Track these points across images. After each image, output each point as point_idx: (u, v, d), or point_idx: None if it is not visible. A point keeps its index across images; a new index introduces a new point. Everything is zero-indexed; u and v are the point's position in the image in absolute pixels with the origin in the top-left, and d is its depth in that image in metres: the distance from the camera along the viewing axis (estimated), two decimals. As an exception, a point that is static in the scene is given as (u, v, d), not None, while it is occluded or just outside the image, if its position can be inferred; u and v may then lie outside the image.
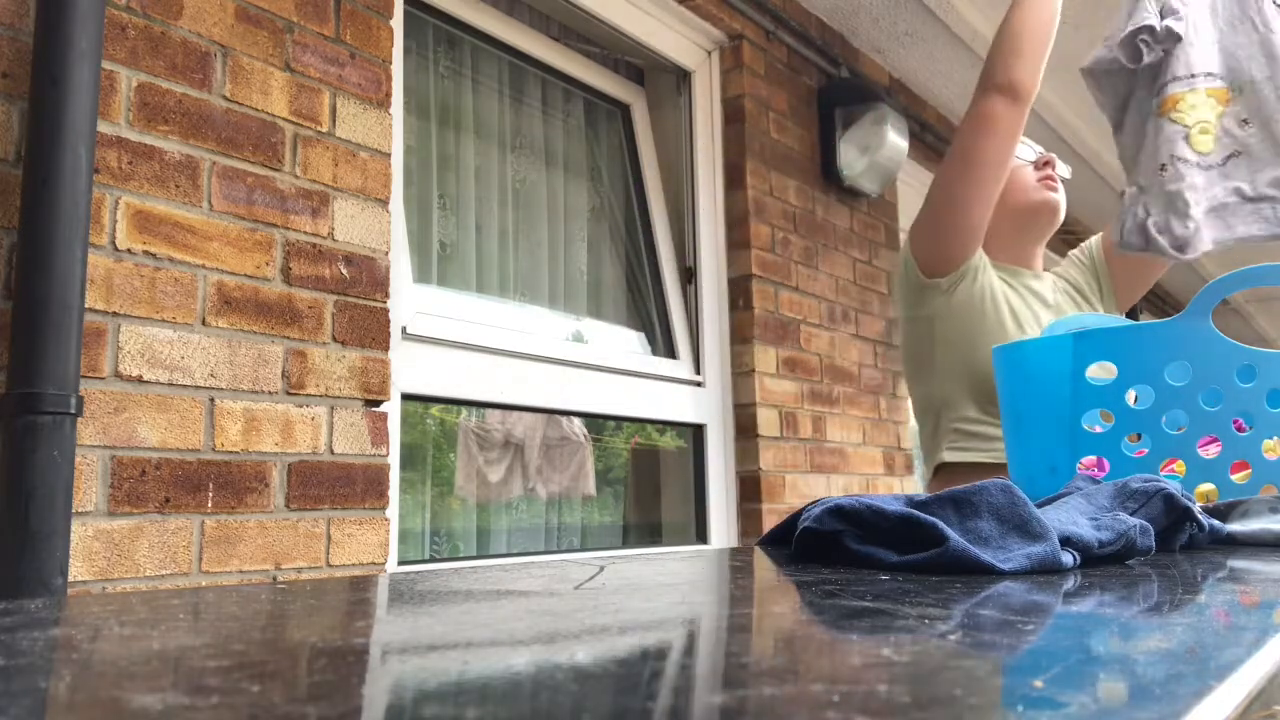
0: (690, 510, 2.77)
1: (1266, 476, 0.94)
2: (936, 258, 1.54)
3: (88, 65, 1.35)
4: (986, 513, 0.62)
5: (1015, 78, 1.48)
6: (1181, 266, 6.34)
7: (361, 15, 1.82)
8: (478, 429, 2.32)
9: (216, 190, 1.57)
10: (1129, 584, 0.56)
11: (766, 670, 0.31)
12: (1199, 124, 1.45)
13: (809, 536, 0.66)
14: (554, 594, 0.50)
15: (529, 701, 0.27)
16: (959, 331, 1.54)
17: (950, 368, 1.55)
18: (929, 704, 0.26)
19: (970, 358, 1.53)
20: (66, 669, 0.33)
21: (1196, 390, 0.93)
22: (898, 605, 0.44)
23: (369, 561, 1.71)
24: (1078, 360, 0.98)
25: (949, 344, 1.55)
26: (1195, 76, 1.47)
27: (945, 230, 1.53)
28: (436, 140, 2.34)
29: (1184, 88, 1.47)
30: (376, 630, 0.43)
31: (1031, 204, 1.62)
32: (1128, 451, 0.96)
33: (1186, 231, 1.42)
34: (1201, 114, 1.46)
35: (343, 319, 1.72)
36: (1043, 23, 1.51)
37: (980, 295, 1.53)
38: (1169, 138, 1.46)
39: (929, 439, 1.61)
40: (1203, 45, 1.50)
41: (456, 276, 2.33)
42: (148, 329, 1.46)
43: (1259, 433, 0.93)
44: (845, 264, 3.23)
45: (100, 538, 1.38)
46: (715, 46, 2.96)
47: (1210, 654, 0.35)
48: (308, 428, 1.65)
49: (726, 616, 0.44)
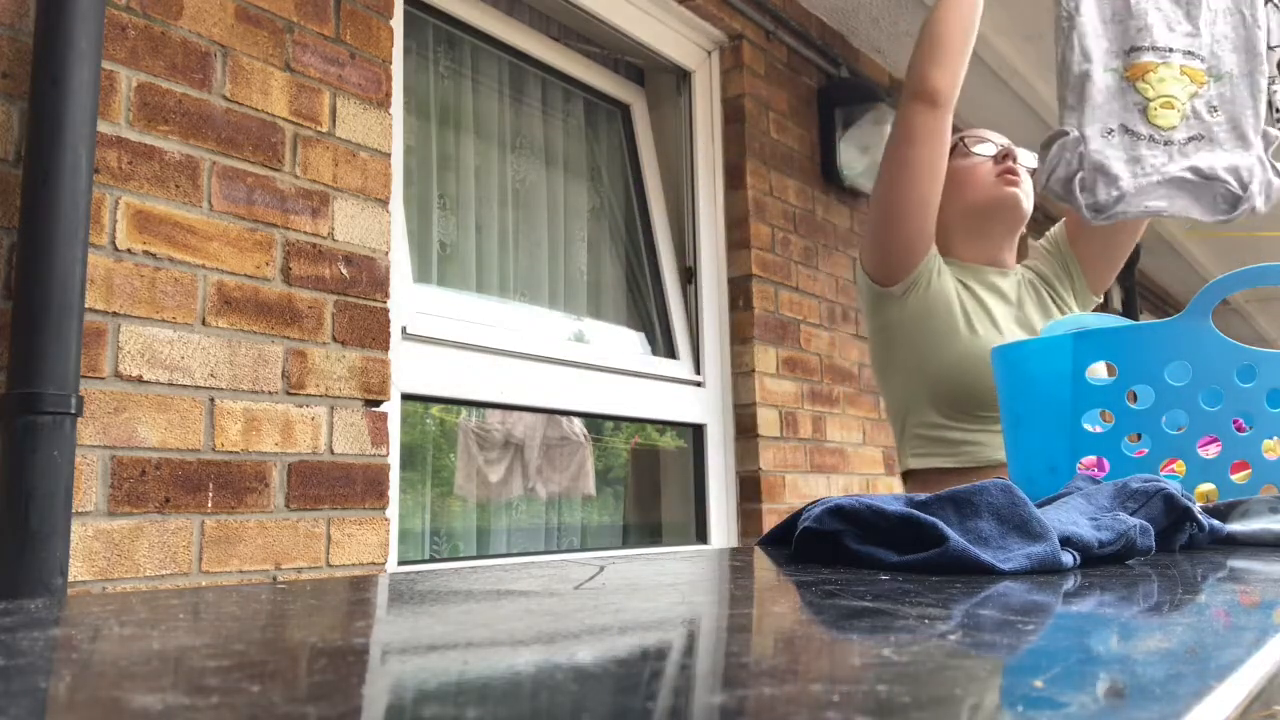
0: (690, 510, 2.77)
1: (1266, 476, 0.94)
2: (884, 268, 1.54)
3: (88, 65, 1.35)
4: (986, 513, 0.62)
5: (935, 85, 1.48)
6: (1182, 266, 6.35)
7: (361, 15, 1.82)
8: (478, 429, 2.32)
9: (216, 190, 1.57)
10: (1129, 584, 0.56)
11: (766, 670, 0.31)
12: (1162, 98, 1.46)
13: (809, 536, 0.66)
14: (554, 594, 0.50)
15: (529, 701, 0.27)
16: (914, 337, 1.53)
17: (909, 373, 1.55)
18: (929, 704, 0.26)
19: (925, 362, 1.52)
20: (66, 669, 0.33)
21: (1196, 390, 0.93)
22: (898, 605, 0.44)
23: (369, 561, 1.71)
24: (1078, 360, 0.98)
25: (906, 350, 1.55)
26: (1173, 51, 1.48)
27: (887, 241, 1.53)
28: (436, 140, 2.34)
29: (1158, 59, 1.48)
30: (376, 630, 0.43)
31: (989, 200, 1.60)
32: (1128, 451, 0.96)
33: (1109, 198, 1.44)
34: (1169, 89, 1.46)
35: (343, 319, 1.72)
36: (961, 28, 1.50)
37: (933, 300, 1.53)
38: (1127, 105, 1.46)
39: (898, 445, 1.62)
40: (1186, 21, 1.50)
41: (456, 276, 2.33)
42: (148, 329, 1.46)
43: (1259, 433, 0.93)
44: (845, 264, 3.23)
45: (100, 538, 1.38)
46: (715, 46, 2.96)
47: (1210, 654, 0.35)
48: (308, 428, 1.65)
49: (726, 616, 0.44)
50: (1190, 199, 1.48)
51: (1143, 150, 1.45)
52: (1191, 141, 1.46)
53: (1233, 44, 1.51)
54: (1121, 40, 1.51)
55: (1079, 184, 1.46)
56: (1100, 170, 1.44)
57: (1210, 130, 1.47)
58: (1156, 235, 5.66)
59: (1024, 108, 3.88)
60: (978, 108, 4.01)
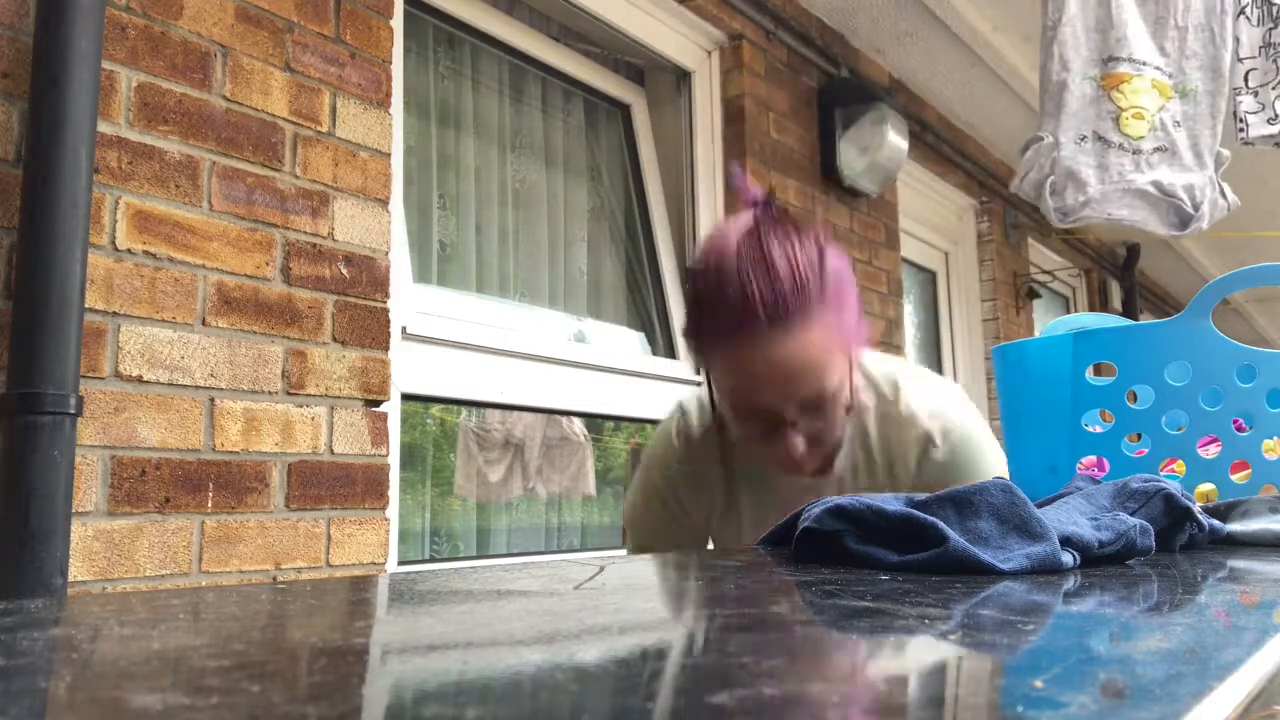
0: (690, 510, 2.76)
1: (1266, 476, 0.94)
2: None
3: (88, 65, 1.35)
4: (986, 513, 0.62)
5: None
6: (1182, 266, 6.35)
7: (361, 15, 1.82)
8: (478, 429, 2.32)
9: (216, 190, 1.57)
10: (1129, 584, 0.56)
11: (766, 670, 0.31)
12: (1133, 109, 1.51)
13: (809, 536, 0.66)
14: (554, 594, 0.50)
15: (529, 701, 0.27)
16: None
17: None
18: (929, 704, 0.26)
19: None
20: (66, 669, 0.33)
21: (1196, 390, 0.93)
22: (898, 605, 0.44)
23: (369, 561, 1.71)
24: (1078, 360, 0.98)
25: None
26: (1146, 64, 1.53)
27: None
28: (436, 140, 2.34)
29: (1132, 70, 1.52)
30: (376, 630, 0.43)
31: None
32: (1128, 451, 0.96)
33: (1076, 202, 1.50)
34: (1140, 100, 1.52)
35: (343, 319, 1.72)
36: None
37: None
38: (1101, 114, 1.52)
39: None
40: (1159, 37, 1.56)
41: (456, 276, 2.33)
42: (148, 329, 1.46)
43: (1259, 433, 0.93)
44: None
45: (100, 538, 1.38)
46: (715, 46, 2.96)
47: (1210, 654, 0.35)
48: (308, 428, 1.65)
49: (726, 616, 0.44)
50: (1149, 211, 1.56)
51: (1112, 158, 1.51)
52: (1157, 152, 1.52)
53: (1200, 62, 1.56)
54: (1101, 49, 1.55)
55: (1049, 188, 1.52)
56: (1070, 176, 1.50)
57: (1174, 143, 1.54)
58: (1157, 235, 5.65)
59: (1024, 108, 3.88)
60: (978, 108, 4.01)
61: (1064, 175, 1.50)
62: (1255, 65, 1.71)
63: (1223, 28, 1.56)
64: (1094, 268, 5.82)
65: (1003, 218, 4.60)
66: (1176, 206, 1.53)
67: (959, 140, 4.15)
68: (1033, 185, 1.52)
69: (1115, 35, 1.53)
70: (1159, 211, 1.55)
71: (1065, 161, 1.50)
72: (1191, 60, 1.56)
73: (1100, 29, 1.54)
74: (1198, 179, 1.55)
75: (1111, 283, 6.03)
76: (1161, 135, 1.54)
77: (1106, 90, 1.52)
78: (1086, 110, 1.53)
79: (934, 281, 4.47)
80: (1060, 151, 1.51)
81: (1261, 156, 1.91)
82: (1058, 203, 1.50)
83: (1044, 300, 5.07)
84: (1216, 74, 1.56)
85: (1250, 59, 1.68)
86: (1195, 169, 1.55)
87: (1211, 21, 1.56)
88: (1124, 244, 5.90)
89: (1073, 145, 1.51)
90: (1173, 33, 1.55)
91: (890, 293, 3.46)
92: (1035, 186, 1.52)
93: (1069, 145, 1.51)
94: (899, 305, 3.54)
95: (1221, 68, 1.56)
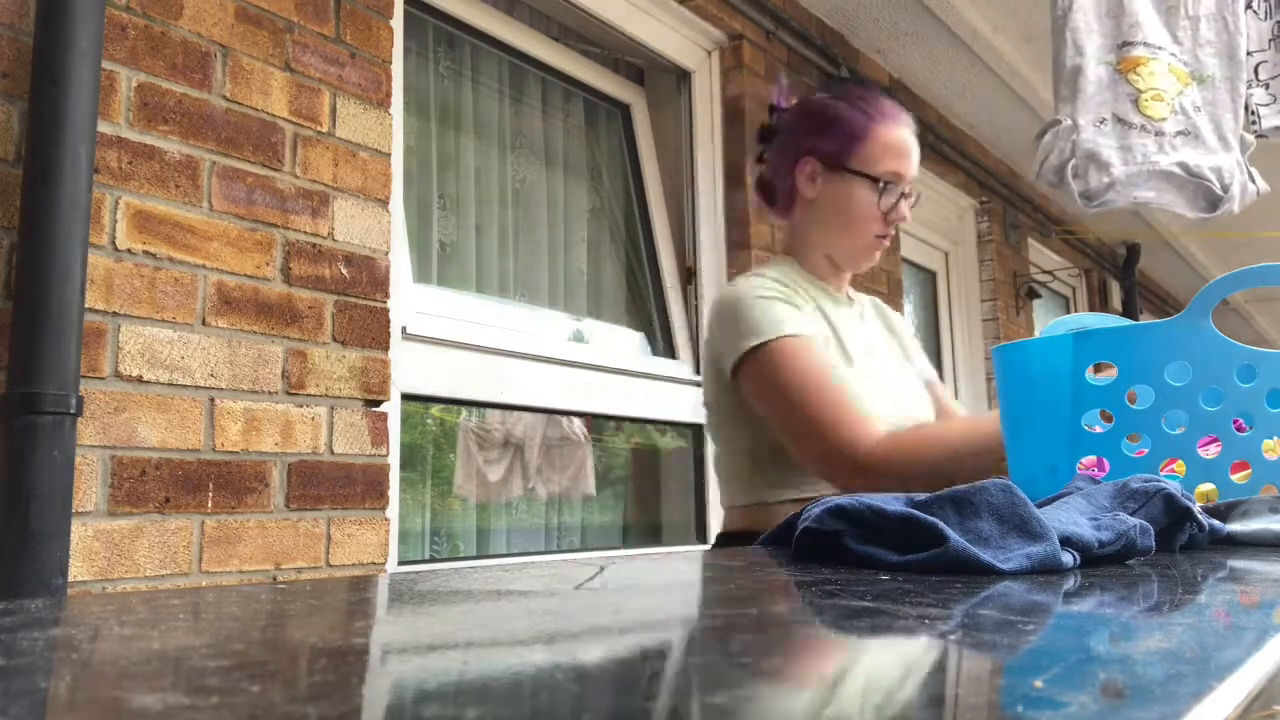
0: (690, 510, 2.76)
1: (1266, 476, 0.94)
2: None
3: (88, 65, 1.35)
4: (986, 513, 0.62)
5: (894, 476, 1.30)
6: (1182, 266, 6.35)
7: (361, 15, 1.82)
8: (478, 429, 2.32)
9: (216, 190, 1.57)
10: (1129, 584, 0.56)
11: (766, 670, 0.31)
12: (1152, 91, 1.50)
13: (809, 536, 0.66)
14: (554, 594, 0.50)
15: (529, 701, 0.27)
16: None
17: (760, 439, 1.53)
18: (929, 704, 0.26)
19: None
20: (66, 669, 0.33)
21: (1196, 390, 0.93)
22: (898, 605, 0.44)
23: (369, 561, 1.71)
24: (1078, 360, 0.98)
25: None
26: (1161, 49, 1.52)
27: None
28: (436, 140, 2.34)
29: (1148, 54, 1.51)
30: (376, 630, 0.43)
31: (853, 248, 1.53)
32: (1128, 451, 0.96)
33: (1100, 184, 1.48)
34: (1159, 82, 1.50)
35: (343, 319, 1.72)
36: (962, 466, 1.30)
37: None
38: (1119, 95, 1.50)
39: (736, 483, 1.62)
40: (1172, 25, 1.55)
41: (456, 276, 2.33)
42: (148, 329, 1.46)
43: (1259, 433, 0.93)
44: (845, 264, 3.23)
45: (100, 538, 1.38)
46: (715, 46, 2.96)
47: (1210, 654, 0.35)
48: (308, 428, 1.65)
49: (726, 616, 0.44)
50: (1176, 193, 1.53)
51: (1134, 139, 1.49)
52: (1180, 135, 1.50)
53: (1215, 49, 1.55)
54: (1114, 34, 1.54)
55: (1071, 171, 1.50)
56: (1092, 158, 1.48)
57: (1196, 127, 1.52)
58: (1157, 235, 5.66)
59: (1024, 108, 3.88)
60: (978, 108, 4.01)
61: (1085, 158, 1.48)
62: (1265, 58, 1.71)
63: (1235, 16, 1.55)
64: (1094, 268, 5.82)
65: (1003, 218, 4.60)
66: (1205, 188, 1.51)
67: (959, 140, 4.15)
68: (1053, 170, 1.50)
69: (1128, 21, 1.53)
70: (1186, 193, 1.53)
71: (1085, 144, 1.48)
72: (1206, 48, 1.55)
73: (1112, 15, 1.53)
74: (1225, 161, 1.53)
75: (1111, 283, 6.03)
76: (1183, 119, 1.53)
77: (1123, 73, 1.50)
78: (1104, 93, 1.51)
79: (934, 281, 4.47)
80: (1080, 134, 1.48)
81: (1261, 156, 1.91)
82: (1081, 186, 1.48)
83: (1044, 300, 5.07)
84: (1233, 60, 1.55)
85: (1260, 52, 1.68)
86: (1221, 151, 1.53)
87: (1223, 10, 1.56)
88: (1124, 244, 5.90)
89: (1092, 128, 1.49)
90: (1184, 22, 1.54)
91: (890, 292, 3.46)
92: (1055, 171, 1.50)
93: (1088, 128, 1.49)
94: (899, 305, 3.54)
95: (1238, 54, 1.55)
